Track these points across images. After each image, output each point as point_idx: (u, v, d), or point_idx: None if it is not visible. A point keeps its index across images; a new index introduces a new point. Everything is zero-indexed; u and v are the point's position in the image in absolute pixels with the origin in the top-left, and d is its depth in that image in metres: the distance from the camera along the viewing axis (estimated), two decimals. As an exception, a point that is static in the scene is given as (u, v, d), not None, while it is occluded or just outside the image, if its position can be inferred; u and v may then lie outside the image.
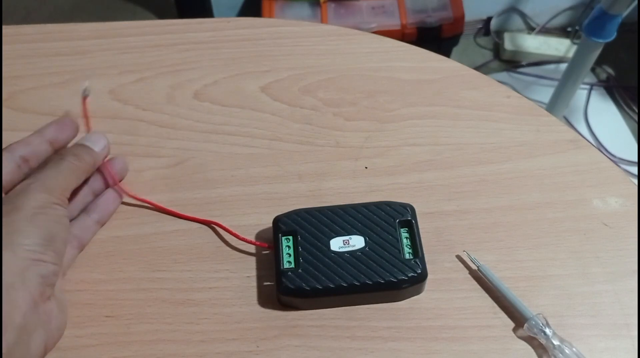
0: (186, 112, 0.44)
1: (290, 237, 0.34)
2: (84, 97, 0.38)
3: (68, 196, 0.32)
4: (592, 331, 0.33)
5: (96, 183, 0.37)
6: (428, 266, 0.34)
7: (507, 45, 1.50)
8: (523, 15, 1.55)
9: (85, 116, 0.38)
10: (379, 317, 0.33)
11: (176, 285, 0.35)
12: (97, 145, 0.36)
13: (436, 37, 1.32)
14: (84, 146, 0.35)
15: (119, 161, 0.39)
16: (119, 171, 0.39)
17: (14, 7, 1.57)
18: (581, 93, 1.40)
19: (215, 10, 1.50)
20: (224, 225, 0.37)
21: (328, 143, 0.42)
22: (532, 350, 0.32)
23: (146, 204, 0.39)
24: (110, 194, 0.37)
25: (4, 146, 0.34)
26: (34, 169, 0.33)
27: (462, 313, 0.34)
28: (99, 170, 0.37)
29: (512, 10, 1.55)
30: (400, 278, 0.33)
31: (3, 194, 0.31)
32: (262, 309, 0.34)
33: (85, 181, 0.36)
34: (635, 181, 1.09)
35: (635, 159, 1.28)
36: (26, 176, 0.32)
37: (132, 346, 0.32)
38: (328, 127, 0.43)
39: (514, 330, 0.33)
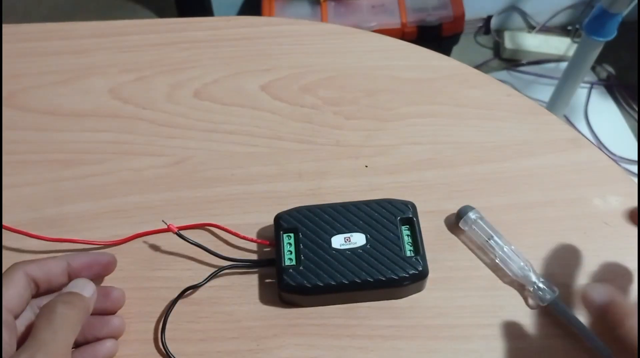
0: (186, 111, 0.44)
1: (292, 234, 0.34)
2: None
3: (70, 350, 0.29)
4: (592, 329, 0.33)
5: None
6: (428, 265, 0.34)
7: (508, 44, 1.50)
8: (523, 14, 1.55)
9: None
10: (380, 316, 0.33)
11: (177, 284, 0.35)
12: (86, 291, 0.31)
13: (436, 36, 1.32)
14: (73, 294, 0.31)
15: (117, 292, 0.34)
16: (116, 300, 0.34)
17: (13, 6, 1.57)
18: (581, 92, 1.40)
19: (215, 9, 1.49)
20: (223, 225, 0.37)
21: (328, 142, 0.42)
22: (532, 350, 0.32)
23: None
24: (109, 343, 0.33)
25: (4, 146, 0.33)
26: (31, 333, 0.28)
27: (463, 311, 0.34)
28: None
29: (513, 8, 1.54)
30: (401, 275, 0.33)
31: (10, 317, 0.29)
32: (263, 308, 0.34)
33: None
34: (636, 179, 1.09)
35: (636, 158, 1.27)
36: (31, 297, 0.30)
37: (133, 345, 0.32)
38: (328, 126, 0.43)
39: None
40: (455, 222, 0.37)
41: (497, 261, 0.35)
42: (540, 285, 0.33)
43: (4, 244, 0.37)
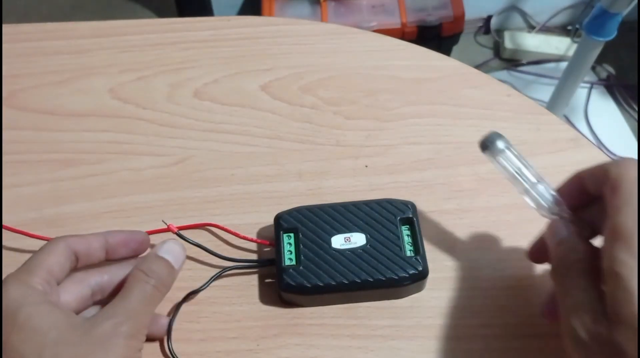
0: (186, 111, 0.44)
1: (292, 234, 0.34)
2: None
3: None
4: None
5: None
6: (428, 265, 0.34)
7: (508, 43, 1.50)
8: (523, 14, 1.55)
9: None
10: (379, 316, 0.33)
11: (177, 284, 0.35)
12: (178, 262, 0.31)
13: (436, 35, 1.32)
14: (169, 267, 0.31)
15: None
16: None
17: (13, 6, 1.57)
18: (581, 92, 1.40)
19: (215, 8, 1.49)
20: (222, 225, 0.37)
21: (328, 142, 0.42)
22: (531, 350, 0.32)
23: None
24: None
25: (4, 146, 0.33)
26: (116, 295, 0.29)
27: (463, 311, 0.34)
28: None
29: (513, 8, 1.54)
30: (401, 275, 0.33)
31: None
32: (263, 307, 0.34)
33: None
34: (636, 179, 1.09)
35: (635, 157, 1.27)
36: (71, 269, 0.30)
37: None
38: (328, 126, 0.43)
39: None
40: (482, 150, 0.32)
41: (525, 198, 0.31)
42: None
43: (4, 244, 0.37)
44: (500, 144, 0.31)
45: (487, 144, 0.31)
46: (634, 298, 0.23)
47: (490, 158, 0.31)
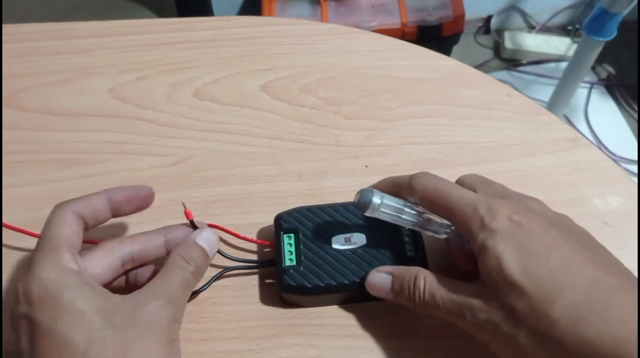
0: (186, 111, 0.44)
1: (292, 235, 0.34)
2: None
3: None
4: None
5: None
6: (429, 265, 0.34)
7: (508, 43, 1.50)
8: (523, 14, 1.55)
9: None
10: (380, 316, 0.33)
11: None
12: (212, 251, 0.32)
13: (436, 35, 1.32)
14: (205, 256, 0.31)
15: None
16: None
17: (13, 6, 1.57)
18: (581, 92, 1.40)
19: (215, 8, 1.50)
20: (222, 225, 0.37)
21: (328, 142, 0.42)
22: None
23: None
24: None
25: (4, 146, 0.33)
26: (157, 274, 0.29)
27: (463, 311, 0.34)
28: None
29: (513, 8, 1.54)
30: (400, 276, 0.33)
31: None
32: (263, 308, 0.34)
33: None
34: (636, 179, 1.09)
35: (636, 157, 1.27)
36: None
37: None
38: (328, 125, 0.43)
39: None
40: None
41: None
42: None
43: (4, 243, 0.37)
44: (376, 199, 0.31)
45: (364, 206, 0.31)
46: (495, 260, 0.27)
47: (375, 214, 0.31)
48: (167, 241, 0.32)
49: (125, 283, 0.32)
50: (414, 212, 0.32)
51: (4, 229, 0.37)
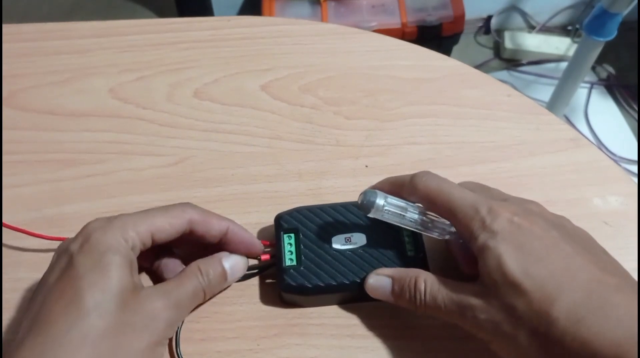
0: (186, 111, 0.44)
1: (292, 235, 0.34)
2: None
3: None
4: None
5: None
6: (429, 265, 0.34)
7: (508, 43, 1.50)
8: (523, 14, 1.55)
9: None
10: (380, 316, 0.33)
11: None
12: (233, 278, 0.33)
13: (436, 35, 1.32)
14: (224, 279, 0.32)
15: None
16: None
17: (13, 6, 1.57)
18: (582, 92, 1.40)
19: (215, 8, 1.50)
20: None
21: (328, 142, 0.42)
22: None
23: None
24: None
25: (4, 146, 0.33)
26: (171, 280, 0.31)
27: (463, 311, 0.34)
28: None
29: (513, 8, 1.54)
30: (401, 276, 0.33)
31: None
32: (263, 307, 0.34)
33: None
34: (636, 179, 1.09)
35: (636, 157, 1.27)
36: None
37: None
38: (328, 125, 0.43)
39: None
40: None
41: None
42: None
43: (4, 243, 0.37)
44: (379, 200, 0.31)
45: (368, 207, 0.31)
46: (495, 260, 0.27)
47: (378, 215, 0.31)
48: (226, 236, 0.33)
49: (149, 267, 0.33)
50: (416, 213, 0.32)
51: (4, 229, 0.37)
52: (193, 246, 0.33)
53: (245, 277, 0.34)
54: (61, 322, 0.26)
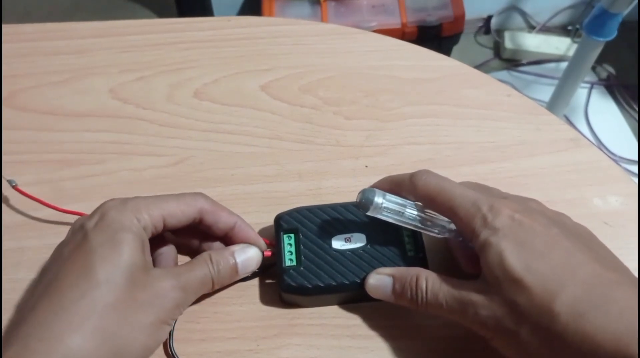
0: (186, 111, 0.44)
1: (292, 235, 0.34)
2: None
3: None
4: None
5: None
6: (429, 265, 0.34)
7: (508, 44, 1.50)
8: (523, 14, 1.55)
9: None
10: (380, 316, 0.33)
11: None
12: (244, 271, 0.33)
13: (436, 35, 1.32)
14: (234, 272, 0.32)
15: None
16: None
17: (13, 6, 1.57)
18: (582, 92, 1.40)
19: (215, 9, 1.50)
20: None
21: (328, 142, 0.42)
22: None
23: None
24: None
25: (4, 146, 0.33)
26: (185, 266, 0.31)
27: (463, 311, 0.34)
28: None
29: (513, 8, 1.54)
30: (400, 276, 0.33)
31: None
32: (263, 308, 0.34)
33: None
34: (636, 179, 1.09)
35: (636, 158, 1.28)
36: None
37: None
38: (328, 126, 0.43)
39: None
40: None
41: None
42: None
43: (4, 243, 0.37)
44: (378, 199, 0.31)
45: (366, 206, 0.31)
46: (497, 257, 0.27)
47: (377, 213, 0.31)
48: (233, 230, 0.33)
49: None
50: (415, 212, 0.32)
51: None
52: (196, 236, 0.34)
53: (245, 278, 0.34)
54: (72, 291, 0.27)
